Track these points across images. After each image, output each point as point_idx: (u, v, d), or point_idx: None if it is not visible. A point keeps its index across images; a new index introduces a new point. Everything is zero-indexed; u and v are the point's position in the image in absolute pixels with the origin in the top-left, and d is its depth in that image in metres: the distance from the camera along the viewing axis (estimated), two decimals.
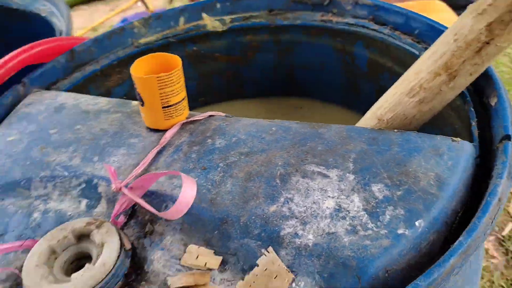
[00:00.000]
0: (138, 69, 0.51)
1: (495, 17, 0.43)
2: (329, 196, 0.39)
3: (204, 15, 0.78)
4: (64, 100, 0.59)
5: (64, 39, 0.70)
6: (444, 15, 1.35)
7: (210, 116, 0.53)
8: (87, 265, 0.36)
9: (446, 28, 0.56)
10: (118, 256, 0.37)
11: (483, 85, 0.51)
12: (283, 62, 0.84)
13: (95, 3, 3.08)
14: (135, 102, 0.57)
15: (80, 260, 0.40)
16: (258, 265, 0.35)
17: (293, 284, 0.34)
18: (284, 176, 0.42)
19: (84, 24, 2.84)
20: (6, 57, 0.62)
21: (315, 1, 0.74)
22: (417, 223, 0.36)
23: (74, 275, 0.36)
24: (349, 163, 0.42)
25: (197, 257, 0.37)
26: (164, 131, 0.50)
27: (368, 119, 0.55)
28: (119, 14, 2.93)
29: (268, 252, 0.36)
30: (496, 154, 0.43)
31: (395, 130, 0.47)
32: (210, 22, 0.78)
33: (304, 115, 0.86)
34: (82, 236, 0.40)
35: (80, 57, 0.72)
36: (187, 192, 0.38)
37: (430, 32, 0.60)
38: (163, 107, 0.49)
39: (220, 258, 0.37)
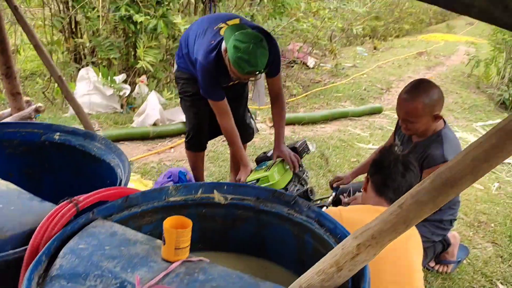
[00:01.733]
0: (168, 223, 0.89)
1: (361, 241, 0.81)
2: None
3: (215, 191, 1.19)
4: (116, 229, 0.97)
5: (125, 189, 1.11)
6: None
7: (200, 260, 0.89)
8: None
9: None
10: None
11: (359, 276, 0.86)
12: (259, 233, 1.21)
13: (137, 142, 3.69)
14: (158, 241, 0.94)
15: None
16: None
17: None
18: None
19: None
20: (92, 193, 1.02)
21: (286, 199, 1.15)
22: None
23: None
24: None
25: None
26: (172, 263, 0.86)
27: (295, 285, 0.89)
28: (154, 155, 3.49)
29: None
30: None
31: None
32: (217, 197, 1.19)
33: (268, 275, 1.19)
34: None
35: (131, 202, 1.12)
36: None
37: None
38: (175, 248, 0.85)
39: None
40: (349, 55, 9.07)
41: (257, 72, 2.08)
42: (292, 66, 6.76)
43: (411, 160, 1.67)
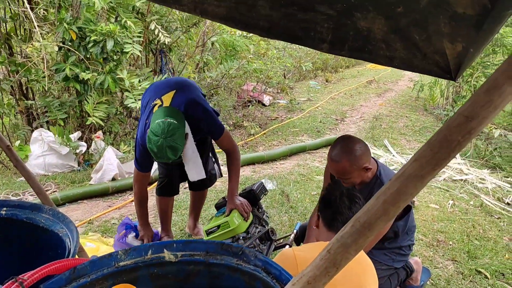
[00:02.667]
0: None
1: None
2: None
3: (165, 250, 1.22)
4: None
5: (73, 260, 1.11)
6: None
7: None
8: None
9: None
10: None
11: None
12: (212, 285, 1.23)
13: (96, 199, 3.63)
14: None
15: None
16: None
17: None
18: None
19: (84, 216, 3.31)
20: (37, 270, 1.02)
21: (234, 251, 1.19)
22: None
23: None
24: None
25: None
26: None
27: None
28: (114, 211, 3.44)
29: None
30: None
31: None
32: (167, 255, 1.21)
33: None
34: None
35: (79, 272, 1.12)
36: None
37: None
38: None
39: None
40: (303, 89, 9.41)
41: (170, 161, 2.23)
42: (248, 106, 6.92)
43: (356, 193, 1.76)
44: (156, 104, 2.34)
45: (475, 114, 0.70)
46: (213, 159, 2.90)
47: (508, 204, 4.20)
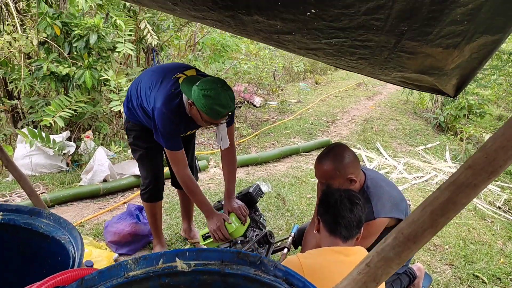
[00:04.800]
0: None
1: None
2: None
3: (177, 259, 1.15)
4: None
5: (80, 270, 1.04)
6: None
7: None
8: None
9: None
10: None
11: None
12: None
13: (87, 201, 3.51)
14: None
15: None
16: None
17: None
18: None
19: (74, 219, 3.20)
20: (43, 281, 0.94)
21: (251, 260, 1.12)
22: None
23: None
24: None
25: None
26: None
27: None
28: (106, 213, 3.33)
29: None
30: None
31: None
32: (180, 265, 1.14)
33: None
34: None
35: (87, 283, 1.04)
36: None
37: None
38: None
39: None
40: (293, 91, 9.38)
41: (230, 113, 2.10)
42: (240, 107, 6.86)
43: (355, 194, 1.72)
44: (179, 77, 2.21)
45: None
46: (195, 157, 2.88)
47: (499, 208, 4.23)
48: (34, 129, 3.92)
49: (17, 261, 1.32)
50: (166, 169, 3.04)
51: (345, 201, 1.65)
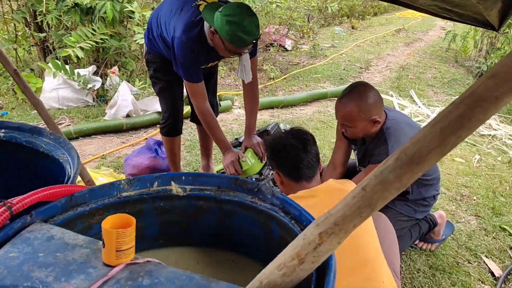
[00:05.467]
0: (108, 223, 0.78)
1: (323, 229, 0.72)
2: None
3: (172, 183, 1.09)
4: (55, 232, 0.86)
5: (70, 186, 1.00)
6: None
7: (147, 261, 0.79)
8: None
9: None
10: None
11: (324, 268, 0.77)
12: (223, 224, 1.12)
13: (110, 135, 3.55)
14: (101, 242, 0.84)
15: None
16: None
17: None
18: None
19: (97, 151, 3.25)
20: (28, 194, 0.91)
21: (249, 187, 1.06)
22: None
23: None
24: None
25: None
26: (113, 267, 0.76)
27: (255, 281, 0.80)
28: (128, 147, 3.36)
29: None
30: None
31: None
32: (175, 188, 1.09)
33: (234, 268, 1.11)
34: None
35: (76, 200, 1.01)
36: None
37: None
38: (116, 251, 0.76)
39: None
40: (327, 35, 8.97)
41: (254, 40, 1.98)
42: (269, 49, 6.63)
43: (299, 130, 1.60)
44: (200, 4, 2.09)
45: None
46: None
47: None
48: (58, 62, 3.91)
49: (16, 179, 1.32)
50: (188, 108, 3.00)
51: (295, 144, 1.52)
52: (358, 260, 1.36)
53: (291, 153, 1.49)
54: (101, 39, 3.97)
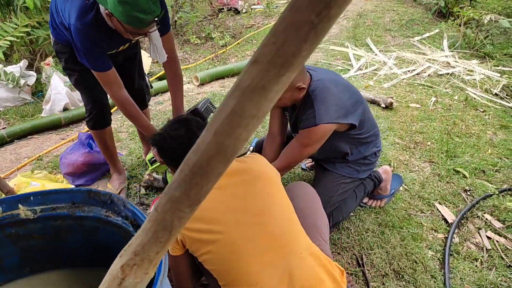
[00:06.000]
0: None
1: (124, 262, 0.60)
2: None
3: (20, 206, 0.95)
4: None
5: None
6: None
7: None
8: None
9: None
10: None
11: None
12: (91, 240, 0.99)
13: (49, 132, 3.35)
14: None
15: None
16: None
17: None
18: None
19: (33, 153, 3.06)
20: None
21: (103, 200, 0.92)
22: None
23: None
24: None
25: None
26: None
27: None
28: (68, 143, 3.18)
29: None
30: None
31: None
32: (23, 212, 0.95)
33: None
34: None
35: None
36: None
37: None
38: None
39: None
40: None
41: (156, 18, 1.78)
42: (217, 16, 6.33)
43: (180, 118, 1.47)
44: None
45: None
46: (143, 73, 2.58)
47: (496, 95, 3.91)
48: None
49: None
50: None
51: (180, 133, 1.34)
52: (269, 238, 1.26)
53: (180, 145, 1.31)
54: (25, 31, 3.69)
